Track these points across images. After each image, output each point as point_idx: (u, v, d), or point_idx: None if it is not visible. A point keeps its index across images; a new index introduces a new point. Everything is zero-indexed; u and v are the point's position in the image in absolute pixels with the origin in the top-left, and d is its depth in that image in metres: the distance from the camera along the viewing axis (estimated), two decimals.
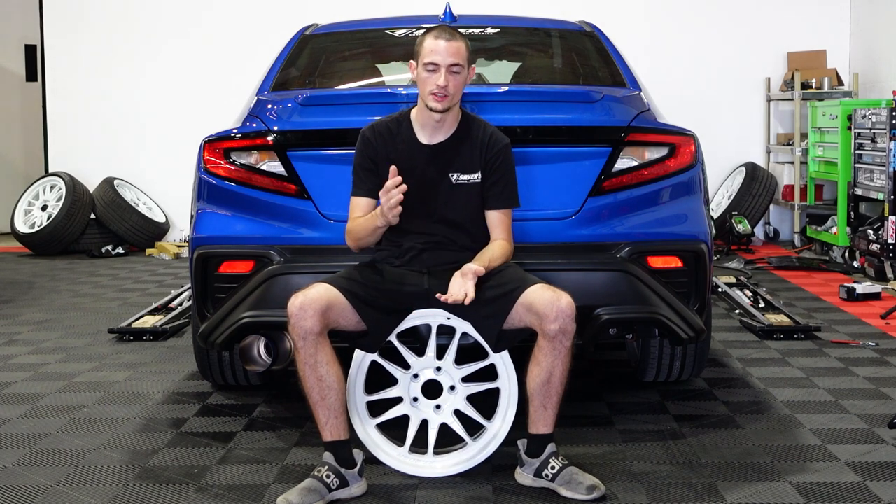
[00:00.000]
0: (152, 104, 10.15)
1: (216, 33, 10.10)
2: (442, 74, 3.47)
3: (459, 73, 3.51)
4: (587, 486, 3.32)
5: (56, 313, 6.59)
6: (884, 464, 3.58)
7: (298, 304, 3.31)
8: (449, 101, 3.51)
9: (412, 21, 5.20)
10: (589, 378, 4.69)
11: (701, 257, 3.93)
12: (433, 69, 3.49)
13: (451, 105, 3.54)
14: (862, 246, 7.60)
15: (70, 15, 10.21)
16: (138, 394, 4.63)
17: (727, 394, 4.48)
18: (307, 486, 3.31)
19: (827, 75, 9.52)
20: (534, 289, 3.38)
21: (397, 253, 3.59)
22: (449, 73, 3.48)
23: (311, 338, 3.31)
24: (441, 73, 3.47)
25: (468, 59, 3.56)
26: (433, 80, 3.48)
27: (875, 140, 7.63)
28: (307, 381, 3.35)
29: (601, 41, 4.95)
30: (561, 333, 3.31)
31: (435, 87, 3.47)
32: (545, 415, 3.42)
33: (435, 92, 3.48)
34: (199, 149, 4.04)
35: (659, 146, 3.97)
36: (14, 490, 3.45)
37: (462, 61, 3.52)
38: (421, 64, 3.52)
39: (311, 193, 3.90)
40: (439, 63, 3.48)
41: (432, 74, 3.49)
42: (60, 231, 9.41)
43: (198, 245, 3.97)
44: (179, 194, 8.24)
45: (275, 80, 4.62)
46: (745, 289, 6.77)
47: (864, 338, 5.51)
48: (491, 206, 3.62)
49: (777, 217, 9.99)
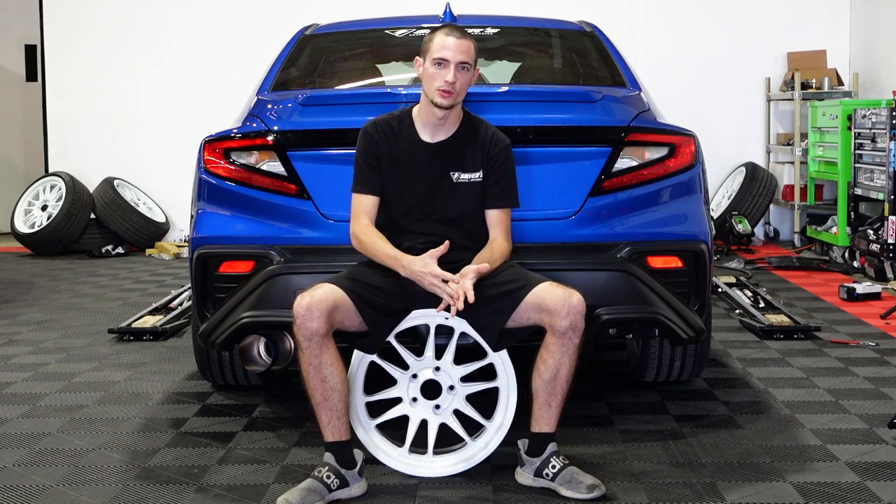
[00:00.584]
0: (152, 104, 10.16)
1: (216, 33, 10.11)
2: (451, 70, 3.49)
3: (468, 70, 3.54)
4: (587, 486, 3.32)
5: (56, 313, 6.59)
6: (884, 464, 3.58)
7: (305, 304, 3.30)
8: (454, 99, 3.52)
9: (412, 21, 5.19)
10: (589, 378, 4.69)
11: (701, 257, 3.93)
12: (443, 65, 3.50)
13: (456, 103, 3.56)
14: (862, 246, 7.60)
15: (70, 15, 10.21)
16: (138, 394, 4.63)
17: (727, 394, 4.48)
18: (307, 487, 3.31)
19: (827, 75, 9.52)
20: (543, 286, 3.38)
21: None
22: (458, 69, 3.51)
23: (317, 339, 3.30)
24: (451, 69, 3.49)
25: (475, 60, 3.59)
26: (441, 76, 3.49)
27: (875, 140, 7.63)
28: (310, 382, 3.35)
29: (601, 41, 4.95)
30: (571, 330, 3.32)
31: (443, 82, 3.49)
32: (549, 413, 3.42)
33: (442, 88, 3.49)
34: (199, 149, 4.04)
35: (659, 146, 3.97)
36: (14, 490, 3.45)
37: (470, 60, 3.55)
38: (429, 59, 3.53)
39: (311, 193, 3.90)
40: (449, 59, 3.50)
41: (441, 70, 3.50)
42: (60, 231, 9.42)
43: (198, 245, 3.97)
44: (179, 194, 8.25)
45: (275, 80, 4.62)
46: (745, 289, 6.77)
47: (864, 338, 5.51)
48: (491, 206, 3.62)
49: (777, 217, 9.99)
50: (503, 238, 3.61)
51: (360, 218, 3.58)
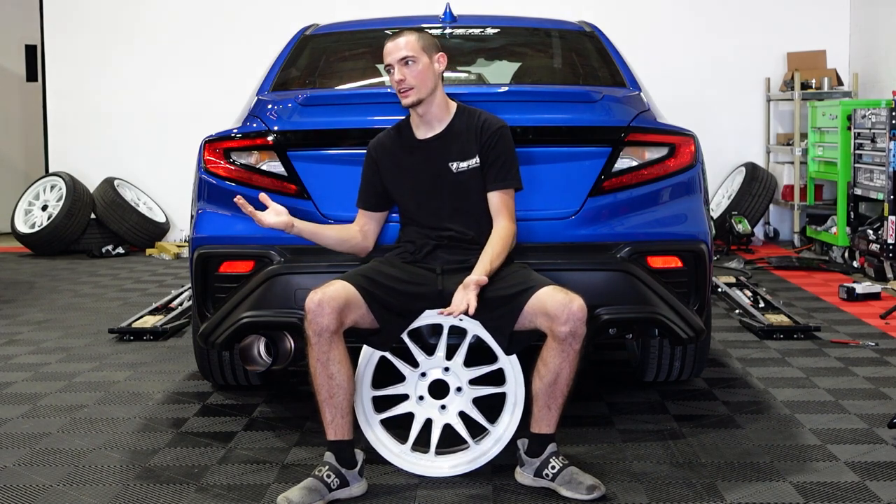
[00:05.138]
0: (153, 104, 10.16)
1: (216, 33, 10.11)
2: (396, 71, 3.57)
3: (414, 62, 3.57)
4: (587, 486, 3.32)
5: (56, 313, 6.59)
6: (884, 464, 3.59)
7: (317, 300, 3.30)
8: (416, 94, 3.57)
9: (412, 21, 5.19)
10: (589, 378, 4.69)
11: (701, 257, 3.93)
12: (390, 70, 3.61)
13: (422, 96, 3.59)
14: (862, 246, 7.60)
15: (70, 15, 10.22)
16: (138, 394, 4.63)
17: (727, 394, 4.48)
18: (307, 486, 3.31)
19: (827, 75, 9.52)
20: (545, 290, 3.38)
21: (412, 249, 3.62)
22: (401, 66, 3.57)
23: (327, 335, 3.30)
24: (395, 70, 3.57)
25: (423, 48, 3.60)
26: (393, 80, 3.59)
27: (875, 140, 7.63)
28: (317, 379, 3.35)
29: (601, 41, 4.95)
30: (571, 336, 3.31)
31: (394, 83, 3.59)
32: (549, 415, 3.42)
33: (396, 89, 3.58)
34: (200, 149, 4.04)
35: (659, 146, 3.97)
36: (14, 490, 3.45)
37: (412, 52, 3.58)
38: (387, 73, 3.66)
39: (311, 193, 3.90)
40: (391, 62, 3.60)
41: (392, 75, 3.61)
42: (61, 231, 9.42)
43: (198, 245, 3.97)
44: (179, 194, 8.27)
45: (275, 80, 4.63)
46: (744, 289, 6.77)
47: (864, 338, 5.51)
48: (490, 188, 3.62)
49: (777, 217, 9.99)
50: (507, 220, 3.59)
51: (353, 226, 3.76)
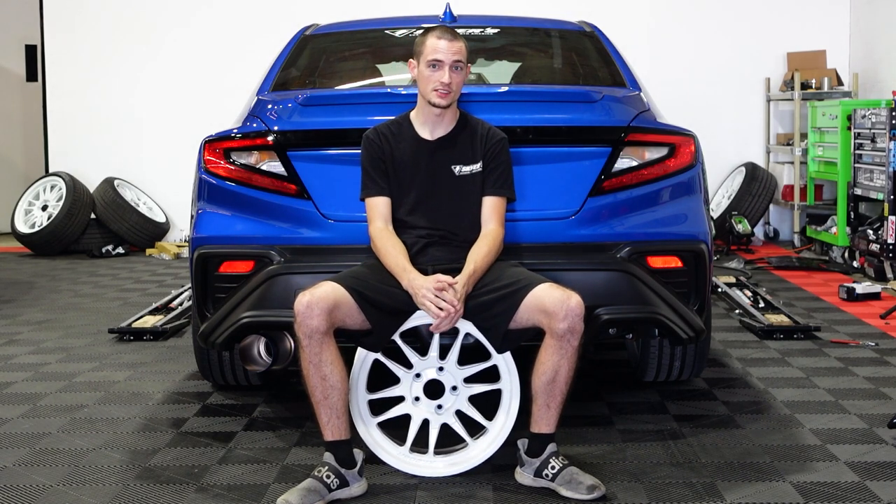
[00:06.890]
0: (153, 104, 10.16)
1: (216, 33, 10.11)
2: (446, 71, 3.58)
3: (461, 69, 3.64)
4: (587, 486, 3.32)
5: (56, 313, 6.59)
6: (884, 464, 3.59)
7: (306, 302, 3.31)
8: (451, 98, 3.62)
9: (412, 21, 5.20)
10: (589, 378, 4.69)
11: (701, 257, 3.93)
12: (437, 66, 3.58)
13: (453, 101, 3.65)
14: (862, 246, 7.60)
15: (70, 15, 10.21)
16: (138, 394, 4.63)
17: (727, 394, 4.48)
18: (307, 486, 3.31)
19: (827, 75, 9.52)
20: (542, 287, 3.38)
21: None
22: (452, 70, 3.59)
23: (317, 337, 3.31)
24: (445, 70, 3.58)
25: (466, 58, 3.68)
26: (437, 77, 3.58)
27: (875, 140, 7.63)
28: (310, 380, 3.35)
29: (601, 41, 4.95)
30: (569, 333, 3.32)
31: (439, 83, 3.58)
32: (548, 414, 3.42)
33: (438, 88, 3.58)
34: (200, 149, 4.04)
35: (659, 146, 3.97)
36: (14, 490, 3.45)
37: (463, 59, 3.64)
38: (423, 62, 3.62)
39: (311, 193, 3.90)
40: (443, 60, 3.59)
41: (436, 72, 3.59)
42: (61, 231, 9.42)
43: (198, 245, 3.97)
44: (179, 194, 8.26)
45: (275, 80, 4.63)
46: (744, 289, 6.77)
47: (864, 338, 5.51)
48: (487, 192, 3.66)
49: (777, 217, 9.99)
50: (498, 224, 3.63)
51: (376, 221, 3.63)
